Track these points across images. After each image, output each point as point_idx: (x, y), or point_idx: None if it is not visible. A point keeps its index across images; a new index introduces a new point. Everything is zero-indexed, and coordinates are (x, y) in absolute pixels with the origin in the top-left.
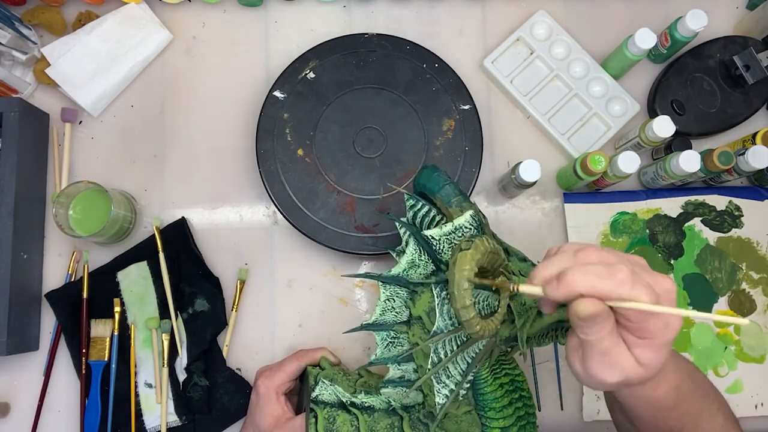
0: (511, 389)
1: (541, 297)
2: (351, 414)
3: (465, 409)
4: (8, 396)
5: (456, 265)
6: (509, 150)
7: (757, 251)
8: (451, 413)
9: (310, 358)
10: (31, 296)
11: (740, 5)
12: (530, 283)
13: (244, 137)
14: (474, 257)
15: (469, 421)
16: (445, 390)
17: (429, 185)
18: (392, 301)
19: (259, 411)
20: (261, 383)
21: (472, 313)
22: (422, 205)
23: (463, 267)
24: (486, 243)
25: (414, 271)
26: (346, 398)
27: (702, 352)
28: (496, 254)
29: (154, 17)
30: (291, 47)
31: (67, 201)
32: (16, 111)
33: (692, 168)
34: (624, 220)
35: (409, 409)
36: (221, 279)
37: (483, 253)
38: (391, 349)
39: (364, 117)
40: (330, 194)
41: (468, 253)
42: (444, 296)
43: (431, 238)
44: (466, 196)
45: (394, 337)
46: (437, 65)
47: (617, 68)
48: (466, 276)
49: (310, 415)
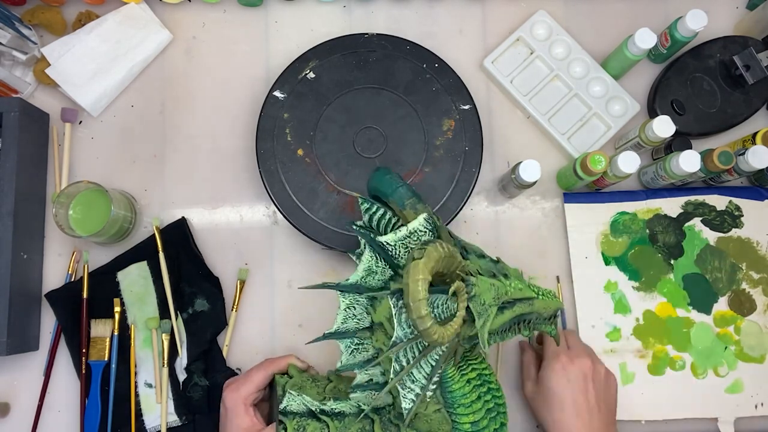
0: (478, 383)
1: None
2: (321, 422)
3: (434, 408)
4: (8, 396)
5: (409, 275)
6: (509, 150)
7: (757, 251)
8: (421, 413)
9: (276, 366)
10: (31, 296)
11: (740, 5)
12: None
13: (244, 137)
14: (427, 266)
15: (439, 420)
16: (411, 395)
17: (381, 188)
18: (353, 309)
19: (228, 424)
20: (228, 396)
21: (429, 322)
22: (377, 209)
23: (416, 277)
24: (440, 248)
25: (372, 278)
26: (315, 406)
27: (702, 351)
28: (452, 257)
29: (154, 17)
30: (291, 47)
31: (67, 201)
32: (16, 111)
33: (692, 168)
34: (624, 220)
35: (380, 411)
36: (221, 279)
37: (437, 259)
38: (356, 355)
39: (364, 117)
40: (330, 194)
41: (420, 263)
42: (400, 306)
43: (386, 244)
44: (420, 198)
45: (358, 343)
46: (437, 65)
47: (617, 68)
48: (420, 286)
49: (279, 428)
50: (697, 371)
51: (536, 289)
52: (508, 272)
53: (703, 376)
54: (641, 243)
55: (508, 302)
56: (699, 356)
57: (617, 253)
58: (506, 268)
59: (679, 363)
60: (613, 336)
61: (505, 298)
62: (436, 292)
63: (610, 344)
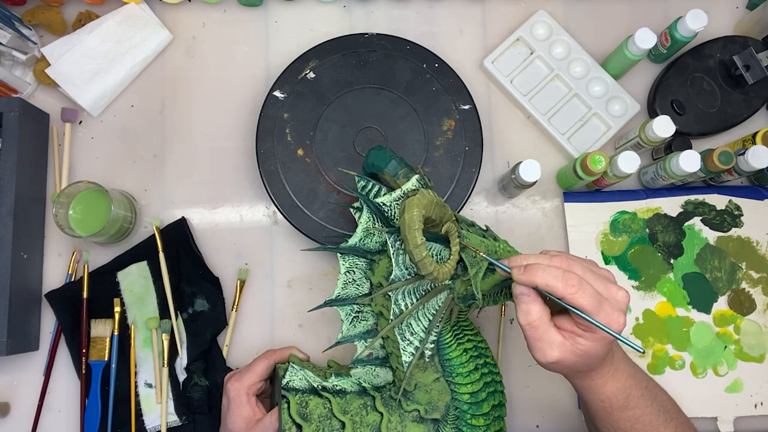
0: (475, 355)
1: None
2: (323, 398)
3: (433, 376)
4: (8, 396)
5: (405, 209)
6: (509, 150)
7: (757, 251)
8: (420, 383)
9: (278, 356)
10: (31, 296)
11: (740, 5)
12: (505, 262)
13: (244, 137)
14: (421, 201)
15: (438, 389)
16: (411, 347)
17: (377, 163)
18: (352, 273)
19: (230, 414)
20: (231, 386)
21: (424, 252)
22: (373, 185)
23: (412, 209)
24: (431, 194)
25: (370, 240)
26: (317, 383)
27: (702, 351)
28: (443, 207)
29: (154, 17)
30: (291, 47)
31: (67, 201)
32: (16, 111)
33: (692, 168)
34: (624, 219)
35: (381, 389)
36: (221, 279)
37: (429, 200)
38: (356, 325)
39: (364, 117)
40: (330, 194)
41: (415, 198)
42: (399, 246)
43: (383, 204)
44: (412, 168)
45: (357, 311)
46: (437, 65)
47: (617, 68)
48: (415, 217)
49: (282, 402)
50: (697, 370)
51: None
52: (497, 238)
53: (702, 376)
54: (641, 242)
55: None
56: (698, 356)
57: (617, 253)
58: (495, 234)
59: (679, 362)
60: None
61: (495, 256)
62: (429, 240)
63: None
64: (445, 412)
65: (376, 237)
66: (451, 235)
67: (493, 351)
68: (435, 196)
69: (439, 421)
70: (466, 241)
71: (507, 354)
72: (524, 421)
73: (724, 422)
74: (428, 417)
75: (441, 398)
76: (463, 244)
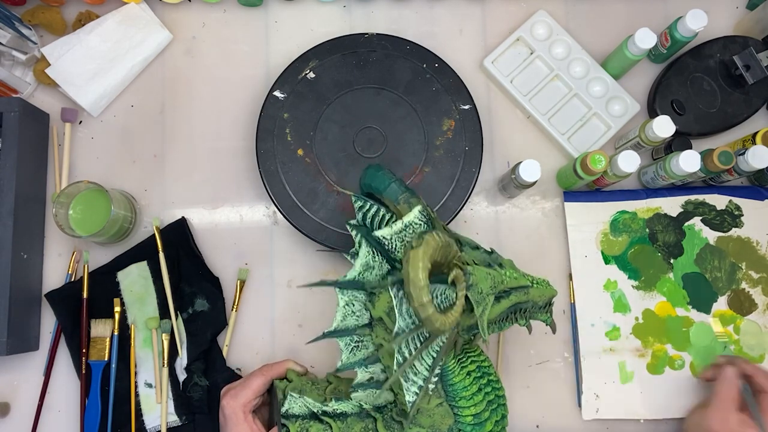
0: (478, 375)
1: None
2: (324, 423)
3: (436, 402)
4: (8, 396)
5: (409, 264)
6: (509, 150)
7: (757, 251)
8: (423, 408)
9: (275, 371)
10: (31, 296)
11: (740, 5)
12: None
13: (244, 137)
14: (426, 253)
15: (441, 414)
16: (414, 387)
17: (375, 184)
18: (351, 305)
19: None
20: (227, 404)
21: (430, 309)
22: (371, 206)
23: (416, 265)
24: (436, 237)
25: (369, 273)
26: (317, 408)
27: (701, 351)
28: (448, 247)
29: (154, 17)
30: (291, 47)
31: (67, 201)
32: (16, 111)
33: (692, 168)
34: (624, 219)
35: (382, 409)
36: (221, 279)
37: (434, 248)
38: (356, 353)
39: (364, 117)
40: (330, 194)
41: (420, 250)
42: (401, 296)
43: (382, 238)
44: (413, 192)
45: (357, 341)
46: (437, 65)
47: (617, 68)
48: (420, 274)
49: (282, 429)
50: (697, 370)
51: (531, 278)
52: (503, 262)
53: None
54: (641, 242)
55: (504, 291)
56: (699, 355)
57: (617, 252)
58: (500, 258)
59: (679, 362)
60: (613, 335)
61: (501, 287)
62: (434, 282)
63: (610, 343)
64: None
65: (376, 270)
66: (458, 283)
67: (493, 351)
68: (440, 237)
69: None
70: (473, 278)
71: (507, 354)
72: (524, 421)
73: None
74: None
75: (444, 422)
76: (469, 284)
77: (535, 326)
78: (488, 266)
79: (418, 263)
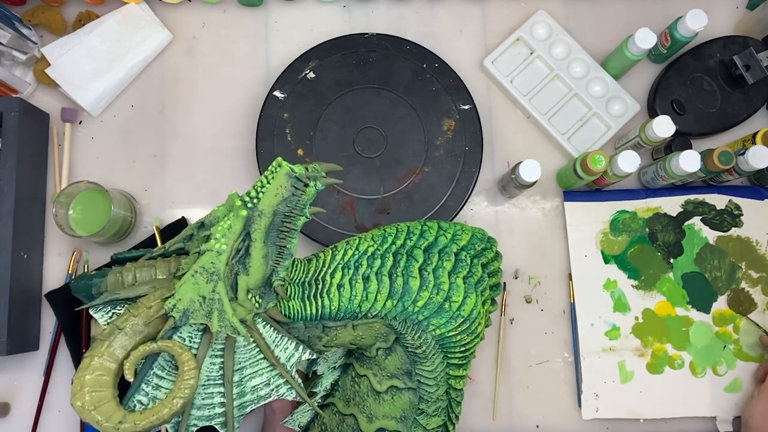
0: (349, 276)
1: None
2: (328, 408)
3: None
4: (8, 396)
5: (72, 395)
6: (509, 150)
7: (757, 250)
8: (360, 323)
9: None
10: (31, 296)
11: (740, 5)
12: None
13: (244, 137)
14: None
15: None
16: (283, 389)
17: (86, 292)
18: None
19: (275, 424)
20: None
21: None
22: (113, 305)
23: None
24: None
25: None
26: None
27: (701, 350)
28: (142, 333)
29: (154, 17)
30: (291, 47)
31: (67, 201)
32: (16, 111)
33: (692, 168)
34: (624, 218)
35: (349, 355)
36: None
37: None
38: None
39: (364, 117)
40: (330, 194)
41: (84, 374)
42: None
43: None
44: (105, 273)
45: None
46: (437, 65)
47: (617, 68)
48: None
49: None
50: (696, 370)
51: (254, 193)
52: (212, 230)
53: (701, 375)
54: (641, 242)
55: (247, 234)
56: (698, 355)
57: (617, 252)
58: (209, 219)
59: (678, 362)
60: (612, 334)
61: (221, 266)
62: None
63: (609, 342)
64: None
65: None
66: (164, 332)
67: (494, 351)
68: (98, 362)
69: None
70: (186, 311)
71: (507, 354)
72: (524, 421)
73: (722, 422)
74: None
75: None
76: (181, 317)
77: (536, 326)
78: (198, 255)
79: (84, 389)
